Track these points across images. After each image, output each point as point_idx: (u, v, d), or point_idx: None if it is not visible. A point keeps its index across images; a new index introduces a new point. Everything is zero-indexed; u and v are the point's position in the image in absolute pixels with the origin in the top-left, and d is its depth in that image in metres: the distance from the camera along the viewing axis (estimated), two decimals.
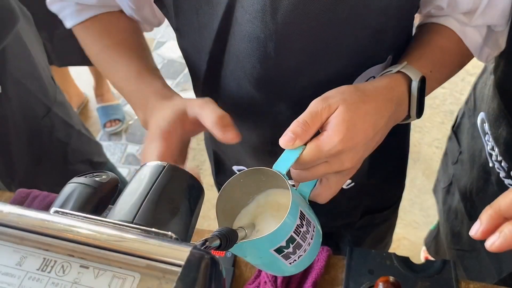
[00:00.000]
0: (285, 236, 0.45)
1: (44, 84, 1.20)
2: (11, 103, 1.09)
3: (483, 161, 0.82)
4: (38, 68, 1.19)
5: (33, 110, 1.17)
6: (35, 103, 1.17)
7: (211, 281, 0.25)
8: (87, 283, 0.25)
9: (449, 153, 1.06)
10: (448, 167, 1.05)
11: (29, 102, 1.15)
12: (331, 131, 0.47)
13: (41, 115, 1.19)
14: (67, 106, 1.32)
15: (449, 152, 1.06)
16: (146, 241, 0.26)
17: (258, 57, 0.55)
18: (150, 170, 0.33)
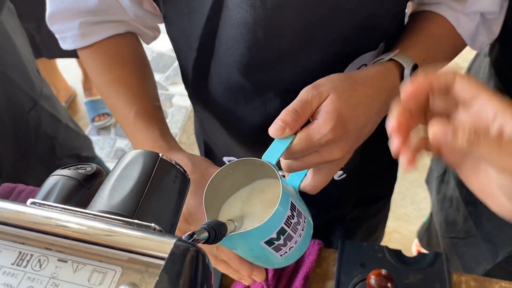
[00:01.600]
0: (275, 228, 0.44)
1: (30, 77, 1.18)
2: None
3: None
4: (23, 61, 1.16)
5: (19, 103, 1.15)
6: (21, 96, 1.15)
7: (197, 274, 0.23)
8: (65, 278, 0.24)
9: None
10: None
11: (15, 95, 1.13)
12: (321, 119, 0.46)
13: (27, 109, 1.17)
14: (54, 100, 1.29)
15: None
16: (128, 233, 0.24)
17: (247, 43, 0.53)
18: (143, 160, 0.31)
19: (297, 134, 0.47)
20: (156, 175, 0.30)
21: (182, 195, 0.32)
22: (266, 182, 0.51)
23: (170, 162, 0.31)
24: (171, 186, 0.31)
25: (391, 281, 0.68)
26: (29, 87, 1.17)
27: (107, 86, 0.65)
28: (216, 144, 0.80)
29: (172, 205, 0.31)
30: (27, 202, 0.27)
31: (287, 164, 0.49)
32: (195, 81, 0.65)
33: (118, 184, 0.30)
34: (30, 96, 1.17)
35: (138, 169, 0.30)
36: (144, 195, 0.29)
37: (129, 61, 0.66)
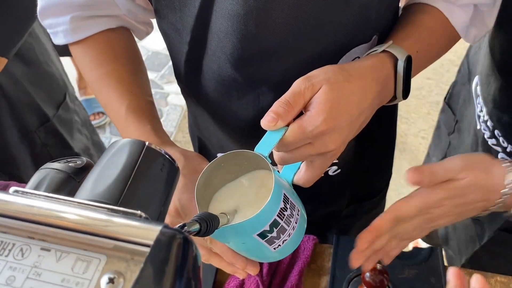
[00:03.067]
0: (268, 220, 0.44)
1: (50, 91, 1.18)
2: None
3: (474, 125, 0.82)
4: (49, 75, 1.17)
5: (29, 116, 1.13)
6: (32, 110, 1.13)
7: (185, 263, 0.23)
8: (48, 266, 0.23)
9: (442, 126, 1.06)
10: (441, 140, 1.06)
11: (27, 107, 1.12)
12: (314, 111, 0.46)
13: (36, 125, 1.15)
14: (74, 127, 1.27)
15: (442, 125, 1.06)
16: (112, 221, 0.24)
17: (238, 36, 0.52)
18: (129, 148, 0.30)
19: (290, 125, 0.46)
20: (142, 163, 0.29)
21: (171, 184, 0.31)
22: (258, 174, 0.50)
23: (157, 150, 0.31)
24: (158, 174, 0.30)
25: (386, 275, 0.67)
26: (46, 101, 1.16)
27: (99, 80, 0.64)
28: (210, 140, 0.79)
29: (159, 194, 0.30)
30: (10, 190, 0.26)
31: (279, 156, 0.48)
32: (187, 76, 0.65)
33: (103, 173, 0.29)
34: (42, 111, 1.15)
35: (123, 158, 0.30)
36: (129, 183, 0.28)
37: (121, 56, 0.65)
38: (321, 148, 0.47)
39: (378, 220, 0.50)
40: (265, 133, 0.47)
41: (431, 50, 0.60)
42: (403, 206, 0.50)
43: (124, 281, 0.22)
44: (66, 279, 0.23)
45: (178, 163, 0.33)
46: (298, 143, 0.46)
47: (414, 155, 2.04)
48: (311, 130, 0.45)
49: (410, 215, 0.50)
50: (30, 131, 1.14)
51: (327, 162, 0.51)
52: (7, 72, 1.04)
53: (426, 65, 0.62)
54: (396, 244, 0.53)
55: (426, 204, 0.50)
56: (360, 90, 0.49)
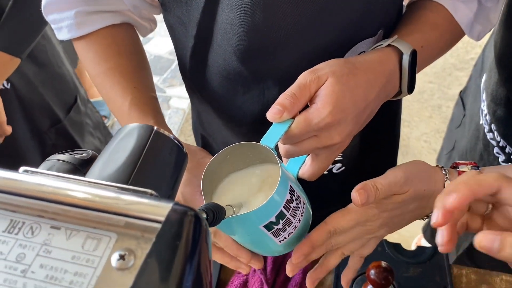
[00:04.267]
0: (274, 211, 0.43)
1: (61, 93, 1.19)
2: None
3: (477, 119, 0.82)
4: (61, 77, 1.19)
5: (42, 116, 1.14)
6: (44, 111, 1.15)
7: (197, 239, 0.23)
8: (58, 244, 0.23)
9: (454, 118, 1.07)
10: (452, 133, 1.06)
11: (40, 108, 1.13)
12: (320, 103, 0.46)
13: (47, 125, 1.16)
14: (85, 130, 1.28)
15: (454, 117, 1.08)
16: (123, 198, 0.24)
17: (245, 27, 0.53)
18: (137, 132, 0.30)
19: (296, 118, 0.46)
20: (151, 147, 0.29)
21: (179, 168, 0.31)
22: (264, 167, 0.50)
23: (166, 134, 0.31)
24: (167, 158, 0.30)
25: (391, 273, 0.67)
26: (57, 102, 1.17)
27: (102, 75, 0.64)
28: (213, 138, 0.79)
29: (168, 178, 0.30)
30: (19, 170, 0.26)
31: (285, 149, 0.48)
32: (193, 70, 0.65)
33: (112, 157, 0.29)
34: (53, 112, 1.17)
35: (132, 141, 0.30)
36: (138, 166, 0.28)
37: (125, 51, 0.65)
38: (326, 140, 0.47)
39: (314, 233, 0.50)
40: (271, 126, 0.47)
41: (436, 46, 0.60)
42: (339, 219, 0.50)
43: (135, 258, 0.22)
44: (77, 256, 0.23)
45: None
46: (304, 135, 0.46)
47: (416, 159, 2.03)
48: (317, 122, 0.45)
49: (346, 228, 0.50)
50: (41, 131, 1.15)
51: (332, 155, 0.51)
52: (20, 72, 1.05)
53: (431, 60, 0.62)
54: (334, 257, 0.54)
55: (364, 218, 0.50)
56: (366, 83, 0.49)
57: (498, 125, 0.73)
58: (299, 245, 0.49)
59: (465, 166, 0.50)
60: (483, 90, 0.79)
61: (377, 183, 0.48)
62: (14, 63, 0.99)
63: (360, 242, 0.54)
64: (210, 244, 0.26)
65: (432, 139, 2.12)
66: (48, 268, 0.22)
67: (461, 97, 1.02)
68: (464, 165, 0.51)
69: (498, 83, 0.71)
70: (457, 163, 0.52)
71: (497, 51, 0.70)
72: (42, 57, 1.13)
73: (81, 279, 0.22)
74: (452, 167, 0.52)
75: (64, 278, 0.22)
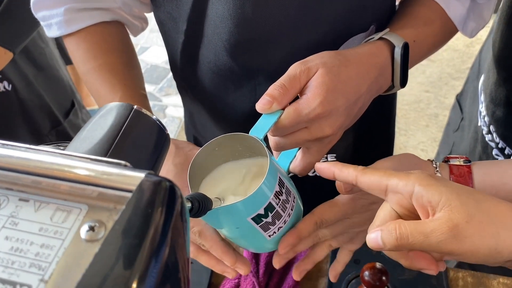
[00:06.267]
0: (263, 203, 0.42)
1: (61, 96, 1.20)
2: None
3: (475, 121, 0.82)
4: (59, 79, 1.19)
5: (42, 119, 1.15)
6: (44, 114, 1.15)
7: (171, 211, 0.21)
8: (26, 216, 0.22)
9: (451, 122, 1.07)
10: (449, 137, 1.05)
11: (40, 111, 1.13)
12: (310, 94, 0.45)
13: (48, 128, 1.16)
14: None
15: (451, 121, 1.07)
16: (95, 168, 0.22)
17: (234, 20, 0.52)
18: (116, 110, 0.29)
19: (285, 109, 0.45)
20: (130, 124, 0.28)
21: (159, 148, 0.30)
22: (253, 160, 0.49)
23: (146, 113, 0.30)
24: (146, 137, 0.29)
25: (386, 274, 0.65)
26: (57, 105, 1.17)
27: (92, 72, 0.63)
28: (206, 138, 0.78)
29: (147, 157, 0.29)
30: None
31: (275, 141, 0.47)
32: (183, 67, 0.64)
33: (89, 134, 0.28)
34: (54, 114, 1.17)
35: (110, 119, 0.29)
36: (116, 143, 0.27)
37: (115, 49, 0.65)
38: (317, 132, 0.46)
39: (301, 223, 0.49)
40: (260, 117, 0.46)
41: (429, 41, 0.60)
42: (327, 210, 0.50)
43: (105, 230, 0.21)
44: (44, 228, 0.22)
45: (169, 152, 0.32)
46: (294, 127, 0.45)
47: None
48: (307, 113, 0.45)
49: (333, 219, 0.50)
50: (41, 134, 1.15)
51: (324, 148, 0.50)
52: (20, 74, 1.06)
53: (424, 56, 0.61)
54: (320, 250, 0.53)
55: (351, 210, 0.50)
56: (357, 75, 0.48)
57: (497, 126, 0.72)
58: (286, 236, 0.48)
59: (456, 160, 0.49)
60: (481, 91, 0.79)
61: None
62: (7, 57, 0.99)
63: (348, 235, 0.53)
64: (188, 224, 0.24)
65: (429, 148, 2.11)
66: (14, 240, 0.21)
67: (458, 101, 1.02)
68: (456, 159, 0.50)
69: (497, 83, 0.70)
70: (448, 157, 0.51)
71: (495, 51, 0.69)
72: (41, 60, 1.14)
73: (48, 251, 0.21)
74: (444, 161, 0.51)
75: (30, 250, 0.21)
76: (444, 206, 0.35)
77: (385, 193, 0.40)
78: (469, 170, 0.48)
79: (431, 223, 0.35)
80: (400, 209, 0.39)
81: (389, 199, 0.40)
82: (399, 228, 0.36)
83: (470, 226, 0.33)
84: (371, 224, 0.42)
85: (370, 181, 0.40)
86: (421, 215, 0.37)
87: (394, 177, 0.38)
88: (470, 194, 0.36)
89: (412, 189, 0.37)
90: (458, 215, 0.34)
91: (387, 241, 0.36)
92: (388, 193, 0.39)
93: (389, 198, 0.39)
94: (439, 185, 0.36)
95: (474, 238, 0.33)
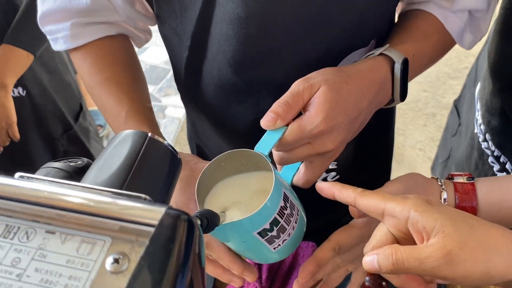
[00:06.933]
0: (268, 218, 0.44)
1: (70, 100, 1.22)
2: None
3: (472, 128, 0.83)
4: (69, 83, 1.22)
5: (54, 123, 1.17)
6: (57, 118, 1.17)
7: (190, 243, 0.23)
8: (53, 248, 0.23)
9: (449, 127, 1.08)
10: (447, 141, 1.07)
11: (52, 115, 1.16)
12: (313, 110, 0.46)
13: (60, 132, 1.18)
14: (91, 136, 1.31)
15: (449, 126, 1.08)
16: (116, 203, 0.24)
17: (239, 39, 0.53)
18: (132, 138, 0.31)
19: (289, 125, 0.47)
20: (145, 153, 0.30)
21: (173, 174, 0.31)
22: (258, 174, 0.50)
23: (160, 141, 0.31)
24: (161, 164, 0.31)
25: (386, 280, 0.67)
26: (68, 109, 1.19)
27: (98, 86, 0.64)
28: (208, 147, 0.80)
29: (162, 183, 0.30)
30: (15, 176, 0.27)
31: (279, 156, 0.49)
32: (187, 80, 0.65)
33: (106, 162, 0.30)
34: (66, 119, 1.19)
35: (126, 148, 0.30)
36: (132, 172, 0.29)
37: (120, 62, 0.66)
38: (320, 147, 0.48)
39: (319, 251, 0.50)
40: (265, 133, 0.47)
41: (427, 55, 0.61)
42: (343, 236, 0.51)
43: (129, 262, 0.22)
44: (71, 260, 0.23)
45: None
46: (297, 142, 0.47)
47: (411, 167, 2.05)
48: (310, 129, 0.46)
49: (350, 244, 0.51)
50: (53, 138, 1.17)
51: (326, 162, 0.51)
52: (35, 79, 1.08)
53: (423, 69, 0.63)
54: (338, 274, 0.54)
55: (367, 233, 0.51)
56: (358, 91, 0.50)
57: (492, 135, 0.74)
58: (305, 264, 0.49)
59: (460, 177, 0.51)
60: (478, 99, 0.80)
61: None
62: (29, 60, 1.01)
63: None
64: (203, 249, 0.26)
65: (427, 147, 2.13)
66: (43, 272, 0.23)
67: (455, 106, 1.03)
68: (459, 176, 0.51)
69: (492, 93, 0.71)
70: (452, 174, 0.52)
71: (491, 62, 0.71)
72: (52, 64, 1.15)
73: (76, 283, 0.22)
74: (448, 178, 0.53)
75: (59, 282, 0.22)
76: (438, 233, 0.36)
77: (382, 216, 0.41)
78: (473, 188, 0.49)
79: (425, 249, 0.36)
80: (396, 231, 0.40)
81: (386, 221, 0.41)
82: (395, 254, 0.37)
83: (463, 252, 0.35)
84: (367, 243, 0.43)
85: (368, 204, 0.42)
86: (416, 239, 0.38)
87: (392, 201, 0.40)
88: (463, 220, 0.37)
89: (408, 215, 0.38)
90: (451, 241, 0.35)
91: (384, 265, 0.38)
92: (385, 216, 0.41)
93: (386, 221, 0.41)
94: (434, 211, 0.37)
95: (467, 264, 0.34)
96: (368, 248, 0.43)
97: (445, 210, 0.38)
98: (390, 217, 0.40)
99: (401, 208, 0.39)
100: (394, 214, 0.39)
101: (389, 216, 0.40)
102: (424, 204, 0.38)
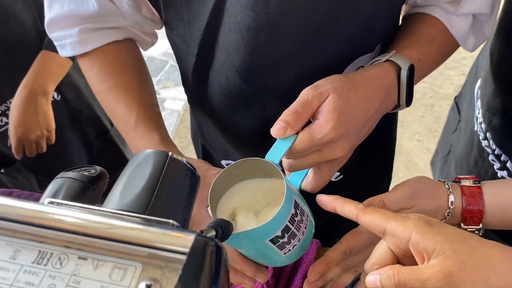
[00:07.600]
0: (280, 226, 0.45)
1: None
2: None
3: (472, 126, 0.84)
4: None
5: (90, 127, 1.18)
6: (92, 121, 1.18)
7: (219, 269, 0.24)
8: (87, 274, 0.24)
9: (449, 123, 1.09)
10: (447, 137, 1.08)
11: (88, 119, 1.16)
12: (322, 119, 0.47)
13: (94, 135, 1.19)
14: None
15: (449, 122, 1.09)
16: (147, 229, 0.25)
17: (248, 48, 0.54)
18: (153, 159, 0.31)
19: (299, 134, 0.48)
20: (167, 173, 0.30)
21: (193, 192, 0.32)
22: (268, 181, 0.51)
23: (180, 160, 0.32)
24: (182, 183, 0.32)
25: None
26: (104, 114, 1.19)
27: (107, 92, 0.65)
28: (214, 148, 0.80)
29: (184, 202, 0.31)
30: (45, 202, 0.27)
31: (289, 163, 0.50)
32: (194, 86, 0.66)
33: (129, 183, 0.30)
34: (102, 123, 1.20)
35: (149, 168, 0.31)
36: (156, 192, 0.29)
37: (129, 67, 0.66)
38: (329, 155, 0.49)
39: (330, 252, 0.52)
40: (275, 141, 0.48)
41: (432, 59, 0.62)
42: (354, 238, 0.52)
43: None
44: (105, 286, 0.24)
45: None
46: (307, 150, 0.48)
47: (409, 158, 2.07)
48: (320, 138, 0.47)
49: (360, 247, 0.52)
50: (88, 141, 1.18)
51: (334, 168, 0.52)
52: (72, 85, 1.09)
53: (427, 73, 0.63)
54: (348, 275, 0.55)
55: (377, 237, 0.52)
56: (366, 98, 0.50)
57: (493, 134, 0.75)
58: (315, 264, 0.51)
59: (467, 181, 0.52)
60: (478, 97, 0.81)
61: (385, 198, 0.50)
62: (68, 66, 1.02)
63: None
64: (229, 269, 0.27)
65: (425, 138, 2.15)
66: None
67: (456, 103, 1.04)
68: (466, 180, 0.52)
69: (494, 93, 0.72)
70: (459, 177, 0.53)
71: (493, 62, 0.72)
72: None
73: None
74: (454, 181, 0.54)
75: None
76: (438, 254, 0.37)
77: (383, 234, 0.42)
78: (480, 191, 0.50)
79: (427, 270, 0.37)
80: (396, 250, 0.42)
81: (387, 240, 0.42)
82: (397, 275, 0.38)
83: (463, 273, 0.36)
84: (368, 259, 0.44)
85: (370, 222, 0.43)
86: (417, 259, 0.39)
87: (393, 221, 0.41)
88: (463, 241, 0.38)
89: (409, 236, 0.39)
90: (451, 263, 0.36)
91: (386, 285, 0.39)
92: (386, 235, 0.42)
93: (387, 239, 0.42)
94: (435, 233, 0.39)
95: (467, 284, 0.36)
96: (368, 264, 0.44)
97: (446, 232, 0.39)
98: (391, 236, 0.41)
99: (403, 229, 0.40)
100: (396, 234, 0.41)
101: (390, 235, 0.41)
102: (425, 226, 0.39)
